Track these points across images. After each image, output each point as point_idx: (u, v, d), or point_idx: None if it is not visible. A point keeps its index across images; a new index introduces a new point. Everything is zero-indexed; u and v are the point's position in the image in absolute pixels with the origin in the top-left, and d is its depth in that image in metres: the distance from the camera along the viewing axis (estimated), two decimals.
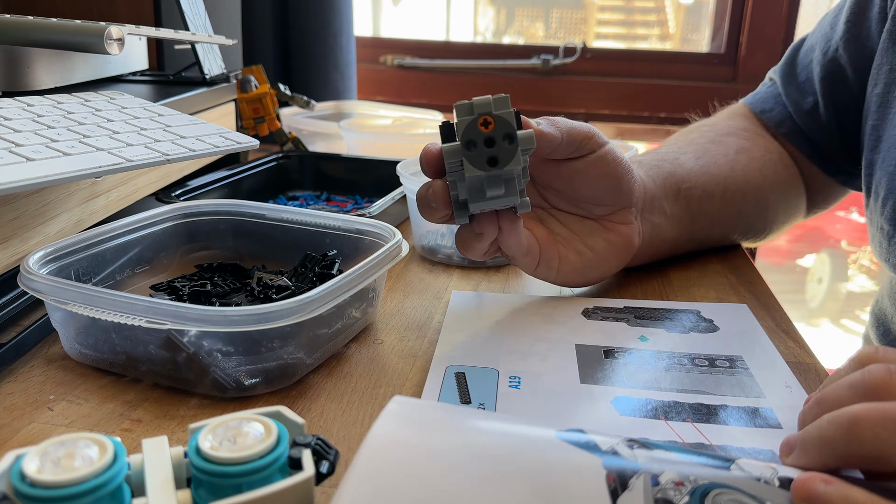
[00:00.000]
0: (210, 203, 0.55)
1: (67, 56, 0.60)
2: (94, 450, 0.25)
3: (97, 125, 0.48)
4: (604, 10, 1.53)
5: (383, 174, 0.75)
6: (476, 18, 1.57)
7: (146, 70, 0.75)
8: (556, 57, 1.39)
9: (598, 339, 0.46)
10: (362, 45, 1.41)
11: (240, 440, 0.26)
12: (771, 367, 0.43)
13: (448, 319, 0.48)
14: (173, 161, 0.47)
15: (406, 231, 0.66)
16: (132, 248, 0.49)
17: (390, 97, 1.43)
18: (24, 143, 0.41)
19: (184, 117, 0.56)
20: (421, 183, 0.59)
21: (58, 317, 0.41)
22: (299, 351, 0.40)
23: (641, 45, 1.51)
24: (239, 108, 0.85)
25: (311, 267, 0.49)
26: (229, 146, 0.53)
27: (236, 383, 0.38)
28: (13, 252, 0.44)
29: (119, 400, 0.39)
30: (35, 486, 0.23)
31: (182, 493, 0.26)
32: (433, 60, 1.42)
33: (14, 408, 0.38)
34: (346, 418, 0.38)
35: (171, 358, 0.38)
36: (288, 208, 0.53)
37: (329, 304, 0.39)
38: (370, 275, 0.43)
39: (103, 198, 0.53)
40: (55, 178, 0.38)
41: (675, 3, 1.49)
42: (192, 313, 0.36)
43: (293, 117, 1.00)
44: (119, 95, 0.57)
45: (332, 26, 1.23)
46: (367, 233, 0.50)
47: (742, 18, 1.34)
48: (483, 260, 0.50)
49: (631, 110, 1.40)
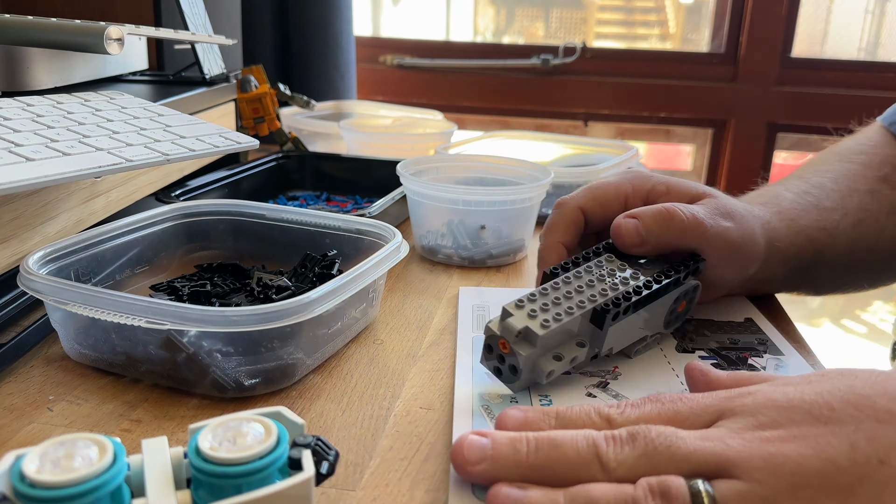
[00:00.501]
0: (210, 203, 0.55)
1: (67, 56, 0.60)
2: (94, 450, 0.25)
3: (97, 125, 0.48)
4: (604, 10, 1.53)
5: (383, 174, 0.75)
6: (476, 18, 1.57)
7: (146, 70, 0.75)
8: (555, 57, 1.39)
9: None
10: (362, 45, 1.41)
11: (240, 440, 0.26)
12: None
13: (462, 318, 0.49)
14: (173, 161, 0.47)
15: (406, 231, 0.66)
16: (132, 248, 0.49)
17: (390, 97, 1.43)
18: (24, 143, 0.41)
19: (184, 117, 0.56)
20: (421, 182, 0.59)
21: (57, 317, 0.41)
22: (299, 351, 0.40)
23: (641, 45, 1.51)
24: (239, 108, 0.84)
25: (311, 267, 0.49)
26: (229, 146, 0.53)
27: (236, 383, 0.38)
28: (13, 252, 0.44)
29: (119, 400, 0.39)
30: (35, 487, 0.23)
31: (182, 494, 0.26)
32: (433, 60, 1.42)
33: (14, 408, 0.38)
34: (346, 418, 0.38)
35: (171, 358, 0.38)
36: (288, 208, 0.53)
37: (329, 304, 0.39)
38: (370, 275, 0.43)
39: (103, 198, 0.53)
40: (55, 178, 0.38)
41: (675, 3, 1.49)
42: (192, 313, 0.36)
43: (293, 117, 1.00)
44: (119, 95, 0.57)
45: (332, 26, 1.23)
46: (367, 233, 0.50)
47: (742, 18, 1.34)
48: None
49: (631, 110, 1.40)
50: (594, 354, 0.41)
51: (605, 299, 0.39)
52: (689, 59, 1.40)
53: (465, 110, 1.45)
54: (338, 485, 0.32)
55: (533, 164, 0.65)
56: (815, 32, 1.41)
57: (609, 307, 0.39)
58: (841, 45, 1.42)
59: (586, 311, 0.39)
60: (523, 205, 0.59)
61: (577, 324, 0.39)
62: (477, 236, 0.59)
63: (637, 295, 0.40)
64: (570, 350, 0.39)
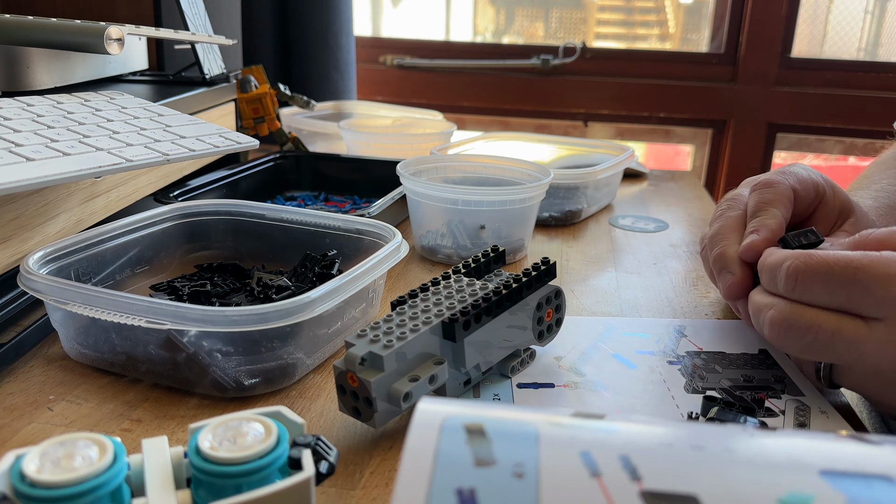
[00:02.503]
0: (210, 203, 0.55)
1: (67, 56, 0.60)
2: (94, 450, 0.25)
3: (97, 125, 0.48)
4: (603, 10, 1.53)
5: (381, 174, 0.75)
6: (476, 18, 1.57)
7: (146, 70, 0.75)
8: (555, 57, 1.39)
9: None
10: (362, 45, 1.41)
11: (240, 440, 0.26)
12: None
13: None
14: (173, 161, 0.47)
15: (406, 231, 0.66)
16: (132, 248, 0.49)
17: (390, 97, 1.43)
18: (24, 143, 0.41)
19: (184, 117, 0.56)
20: (420, 182, 0.59)
21: (58, 317, 0.41)
22: (299, 351, 0.40)
23: (641, 45, 1.51)
24: (239, 108, 0.85)
25: (311, 267, 0.49)
26: (229, 146, 0.53)
27: (236, 383, 0.38)
28: (13, 252, 0.44)
29: (119, 400, 0.39)
30: (35, 486, 0.23)
31: (182, 494, 0.26)
32: (433, 60, 1.42)
33: (14, 408, 0.38)
34: (345, 418, 0.38)
35: (171, 358, 0.38)
36: (288, 208, 0.53)
37: (329, 304, 0.39)
38: (370, 275, 0.43)
39: (103, 198, 0.53)
40: (55, 178, 0.38)
41: (675, 3, 1.49)
42: (192, 313, 0.36)
43: (293, 117, 1.00)
44: (119, 95, 0.57)
45: (332, 26, 1.23)
46: (367, 233, 0.50)
47: (742, 18, 1.34)
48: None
49: (631, 110, 1.40)
50: (466, 379, 0.39)
51: (453, 311, 0.37)
52: (688, 60, 1.40)
53: (464, 110, 1.45)
54: (338, 484, 0.32)
55: (532, 164, 0.65)
56: (815, 33, 1.41)
57: (457, 317, 0.37)
58: (841, 45, 1.42)
59: (434, 326, 0.36)
60: (523, 205, 0.59)
61: (432, 343, 0.36)
62: (477, 236, 0.59)
63: (486, 301, 0.38)
64: (426, 369, 0.35)
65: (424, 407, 0.23)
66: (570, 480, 0.20)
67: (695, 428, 0.23)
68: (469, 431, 0.21)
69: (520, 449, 0.21)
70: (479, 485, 0.19)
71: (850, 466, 0.21)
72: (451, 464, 0.20)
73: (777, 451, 0.21)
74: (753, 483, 0.20)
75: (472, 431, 0.21)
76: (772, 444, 0.22)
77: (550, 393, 0.40)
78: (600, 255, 0.64)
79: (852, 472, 0.20)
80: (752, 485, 0.20)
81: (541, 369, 0.43)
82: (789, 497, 0.19)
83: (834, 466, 0.20)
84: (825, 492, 0.19)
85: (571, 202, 0.72)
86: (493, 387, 0.41)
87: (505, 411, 0.23)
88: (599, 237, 0.70)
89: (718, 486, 0.20)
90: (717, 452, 0.21)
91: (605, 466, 0.20)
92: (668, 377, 0.42)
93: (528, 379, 0.42)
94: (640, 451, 0.21)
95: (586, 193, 0.72)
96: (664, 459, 0.21)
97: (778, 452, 0.21)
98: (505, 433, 0.21)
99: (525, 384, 0.41)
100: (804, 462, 0.21)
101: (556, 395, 0.40)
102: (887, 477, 0.20)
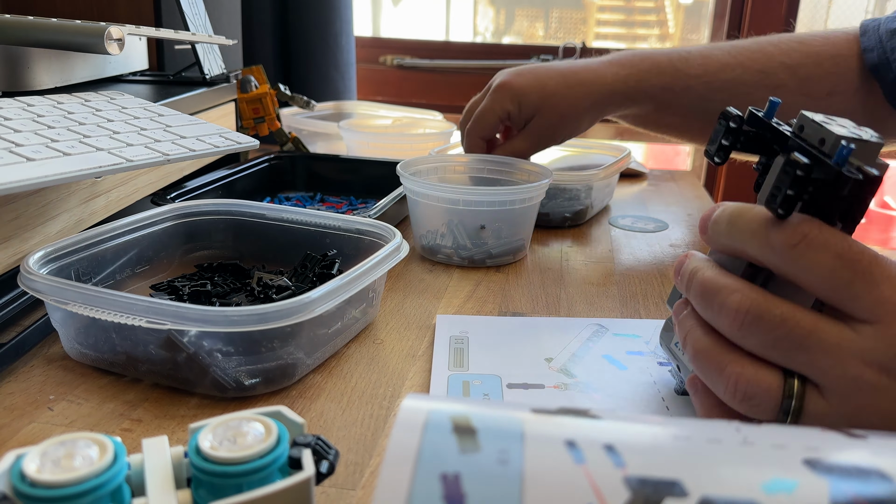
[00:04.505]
0: (210, 203, 0.55)
1: (67, 56, 0.60)
2: (94, 450, 0.25)
3: (97, 125, 0.48)
4: (603, 10, 1.53)
5: (377, 175, 0.75)
6: (476, 18, 1.57)
7: (146, 70, 0.75)
8: (555, 57, 1.39)
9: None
10: (362, 45, 1.41)
11: (240, 440, 0.26)
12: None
13: (438, 353, 0.45)
14: (173, 161, 0.47)
15: (406, 231, 0.66)
16: (132, 248, 0.49)
17: (390, 97, 1.43)
18: (24, 143, 0.41)
19: (184, 117, 0.56)
20: (420, 182, 0.59)
21: (58, 317, 0.41)
22: (299, 351, 0.40)
23: (641, 46, 1.51)
24: (239, 108, 0.84)
25: (311, 267, 0.49)
26: (229, 146, 0.53)
27: (236, 383, 0.38)
28: (13, 252, 0.44)
29: (119, 400, 0.39)
30: (35, 486, 0.23)
31: (182, 493, 0.26)
32: (433, 61, 1.42)
33: (14, 408, 0.38)
34: (346, 418, 0.38)
35: (171, 358, 0.38)
36: (288, 208, 0.53)
37: (329, 304, 0.39)
38: (370, 275, 0.43)
39: (103, 198, 0.53)
40: (55, 178, 0.38)
41: (675, 3, 1.49)
42: (192, 313, 0.36)
43: (293, 117, 1.00)
44: (119, 95, 0.57)
45: (332, 26, 1.23)
46: (367, 233, 0.50)
47: (742, 18, 1.34)
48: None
49: None
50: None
51: None
52: None
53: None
54: (338, 484, 0.32)
55: (533, 165, 0.65)
56: None
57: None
58: None
59: None
60: (523, 205, 0.59)
61: None
62: (477, 236, 0.59)
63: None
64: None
65: (410, 402, 0.23)
66: (554, 465, 0.20)
67: (680, 420, 0.23)
68: (455, 421, 0.22)
69: (505, 438, 0.21)
70: (464, 470, 0.20)
71: (834, 456, 0.21)
72: (437, 450, 0.20)
73: (761, 441, 0.21)
74: (737, 469, 0.20)
75: (457, 421, 0.22)
76: (756, 435, 0.22)
77: (540, 394, 0.40)
78: (600, 254, 0.64)
79: (836, 462, 0.21)
80: (735, 471, 0.20)
81: (531, 371, 0.43)
82: (773, 483, 0.19)
83: (818, 456, 0.21)
84: (809, 479, 0.20)
85: (579, 202, 0.72)
86: (482, 387, 0.41)
87: (490, 405, 0.23)
88: (599, 237, 0.70)
89: (702, 472, 0.20)
90: (701, 442, 0.21)
91: (590, 454, 0.20)
92: (658, 378, 0.42)
93: (518, 380, 0.42)
94: (624, 440, 0.21)
95: (591, 194, 0.72)
96: (649, 448, 0.21)
97: (762, 442, 0.21)
98: (490, 424, 0.22)
99: (515, 384, 0.41)
100: (788, 451, 0.21)
101: (546, 396, 0.40)
102: (871, 466, 0.20)
